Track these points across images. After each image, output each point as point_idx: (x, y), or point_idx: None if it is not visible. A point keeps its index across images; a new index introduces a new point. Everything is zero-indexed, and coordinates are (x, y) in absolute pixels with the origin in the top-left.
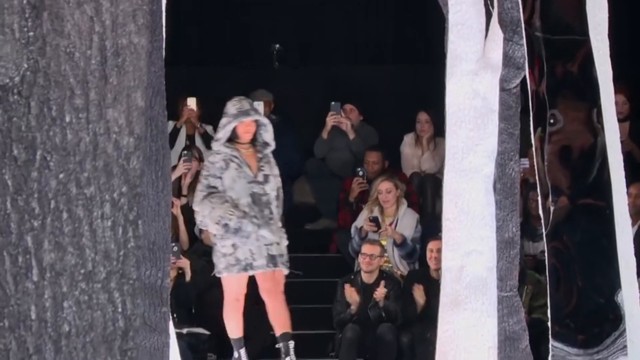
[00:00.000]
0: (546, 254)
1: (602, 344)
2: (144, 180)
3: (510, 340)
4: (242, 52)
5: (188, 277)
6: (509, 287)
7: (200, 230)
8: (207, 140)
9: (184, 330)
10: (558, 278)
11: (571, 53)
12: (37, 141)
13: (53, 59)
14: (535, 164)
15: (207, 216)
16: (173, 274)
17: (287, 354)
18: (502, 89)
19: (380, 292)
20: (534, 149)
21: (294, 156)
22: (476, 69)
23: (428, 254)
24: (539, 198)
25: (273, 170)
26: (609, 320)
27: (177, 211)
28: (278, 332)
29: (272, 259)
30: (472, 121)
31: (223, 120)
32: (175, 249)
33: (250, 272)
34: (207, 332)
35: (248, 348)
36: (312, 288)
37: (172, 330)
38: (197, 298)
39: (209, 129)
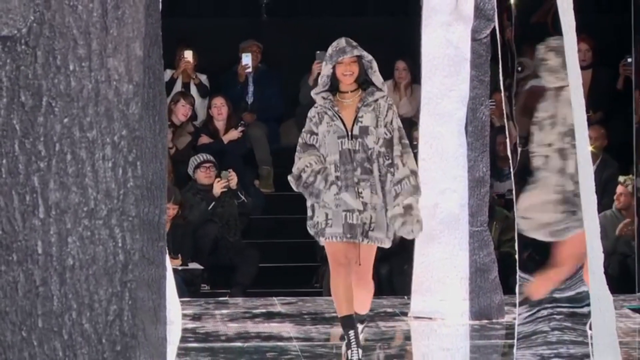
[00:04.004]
0: (514, 192)
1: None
2: (142, 124)
3: (480, 272)
4: (233, 5)
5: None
6: (480, 222)
7: (194, 171)
8: (202, 89)
9: (179, 267)
10: None
11: (538, 4)
12: (43, 88)
13: (57, 11)
14: (504, 109)
15: (294, 171)
16: (172, 214)
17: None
18: (474, 39)
19: None
20: (502, 95)
21: (279, 102)
22: (449, 20)
23: None
24: (507, 141)
25: (381, 119)
26: None
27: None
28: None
29: (351, 229)
30: (446, 69)
31: (322, 64)
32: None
33: (323, 241)
34: (200, 267)
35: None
36: (298, 224)
37: (168, 264)
38: (192, 233)
39: (203, 78)
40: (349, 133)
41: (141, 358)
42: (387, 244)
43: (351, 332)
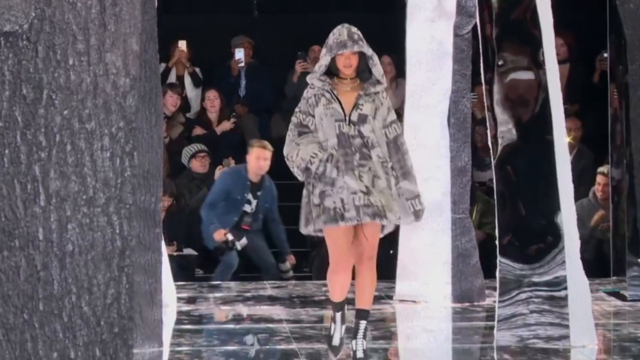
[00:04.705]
0: (494, 181)
1: (544, 259)
2: (139, 116)
3: (462, 257)
4: (226, 2)
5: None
6: (462, 210)
7: (189, 160)
8: (195, 78)
9: (174, 253)
10: (504, 202)
11: (518, 1)
12: (44, 82)
13: (57, 8)
14: (485, 102)
15: (294, 161)
16: (167, 205)
17: (355, 335)
18: (456, 35)
19: None
20: (484, 89)
21: (269, 95)
22: (433, 16)
23: None
24: (488, 132)
25: (380, 111)
26: (550, 239)
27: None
28: (356, 304)
29: (358, 211)
30: (429, 63)
31: (322, 51)
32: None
33: (343, 224)
34: (195, 253)
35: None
36: (290, 211)
37: (164, 249)
38: (187, 221)
39: (197, 69)
40: (347, 118)
41: (138, 339)
42: (388, 229)
43: (338, 314)
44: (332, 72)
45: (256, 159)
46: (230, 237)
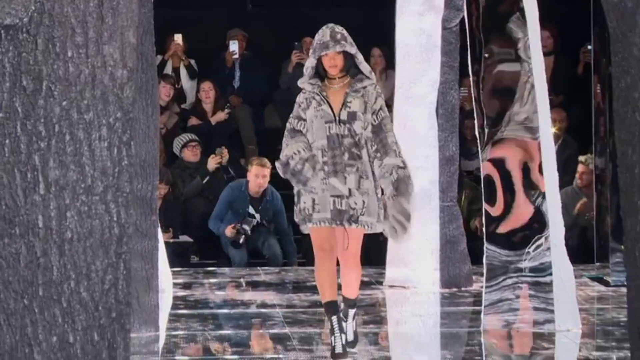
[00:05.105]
0: (481, 170)
1: (529, 246)
2: (136, 107)
3: (450, 244)
4: None
5: None
6: (450, 198)
7: (181, 150)
8: (191, 70)
9: (170, 240)
10: (491, 190)
11: None
12: (43, 73)
13: (57, 2)
14: (472, 94)
15: (281, 157)
16: (163, 193)
17: (345, 318)
18: (444, 28)
19: None
20: (471, 81)
21: (263, 87)
22: (422, 10)
23: None
24: (476, 122)
25: (369, 104)
26: (535, 226)
27: None
28: (342, 293)
29: (339, 215)
30: (418, 55)
31: (310, 52)
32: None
33: (311, 226)
34: (190, 240)
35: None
36: (283, 201)
37: (160, 236)
38: (182, 208)
39: (192, 62)
40: (337, 118)
41: (135, 324)
42: (378, 229)
43: (334, 318)
44: (320, 73)
45: (255, 177)
46: (238, 226)
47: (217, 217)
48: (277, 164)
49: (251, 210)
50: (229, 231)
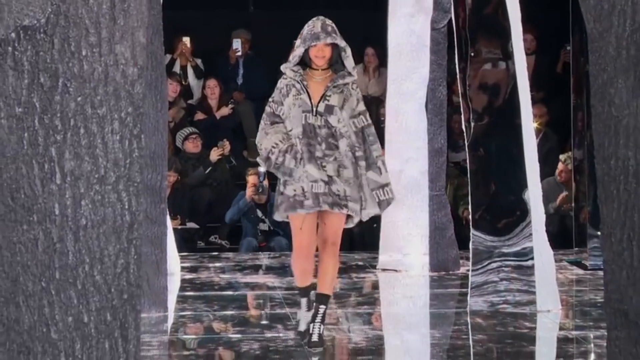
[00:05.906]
0: (468, 162)
1: (512, 232)
2: (146, 102)
3: (439, 230)
4: None
5: None
6: (438, 187)
7: (183, 142)
8: (197, 71)
9: (178, 226)
10: (477, 180)
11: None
12: (59, 71)
13: (72, 4)
14: (459, 90)
15: (260, 150)
16: (173, 180)
17: (314, 319)
18: (433, 29)
19: None
20: (458, 78)
21: (264, 83)
22: (412, 12)
23: None
24: (462, 116)
25: (349, 102)
26: (518, 213)
27: None
28: (317, 288)
29: (317, 199)
30: (409, 54)
31: (297, 42)
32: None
33: (302, 212)
34: (196, 226)
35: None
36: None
37: (169, 223)
38: (190, 196)
39: (198, 62)
40: (314, 109)
41: (145, 305)
42: (364, 217)
43: (304, 300)
44: (305, 63)
45: (253, 186)
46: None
47: (231, 220)
48: (258, 160)
49: (261, 215)
50: (248, 194)
